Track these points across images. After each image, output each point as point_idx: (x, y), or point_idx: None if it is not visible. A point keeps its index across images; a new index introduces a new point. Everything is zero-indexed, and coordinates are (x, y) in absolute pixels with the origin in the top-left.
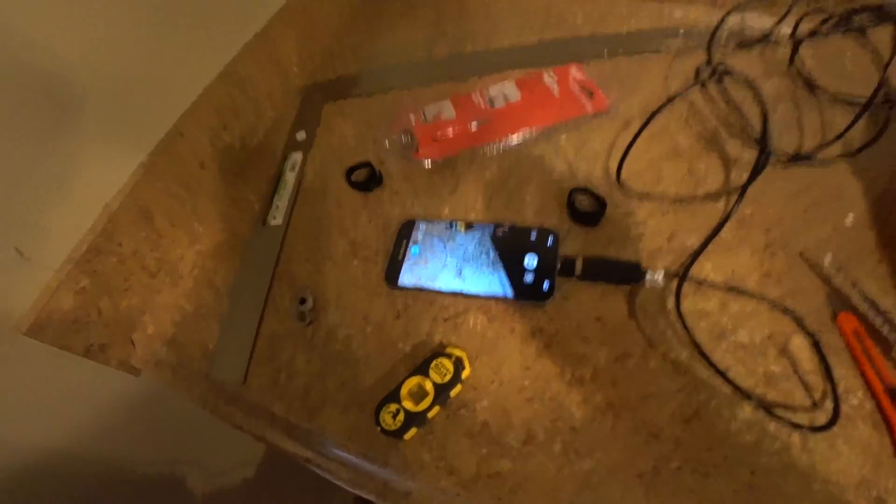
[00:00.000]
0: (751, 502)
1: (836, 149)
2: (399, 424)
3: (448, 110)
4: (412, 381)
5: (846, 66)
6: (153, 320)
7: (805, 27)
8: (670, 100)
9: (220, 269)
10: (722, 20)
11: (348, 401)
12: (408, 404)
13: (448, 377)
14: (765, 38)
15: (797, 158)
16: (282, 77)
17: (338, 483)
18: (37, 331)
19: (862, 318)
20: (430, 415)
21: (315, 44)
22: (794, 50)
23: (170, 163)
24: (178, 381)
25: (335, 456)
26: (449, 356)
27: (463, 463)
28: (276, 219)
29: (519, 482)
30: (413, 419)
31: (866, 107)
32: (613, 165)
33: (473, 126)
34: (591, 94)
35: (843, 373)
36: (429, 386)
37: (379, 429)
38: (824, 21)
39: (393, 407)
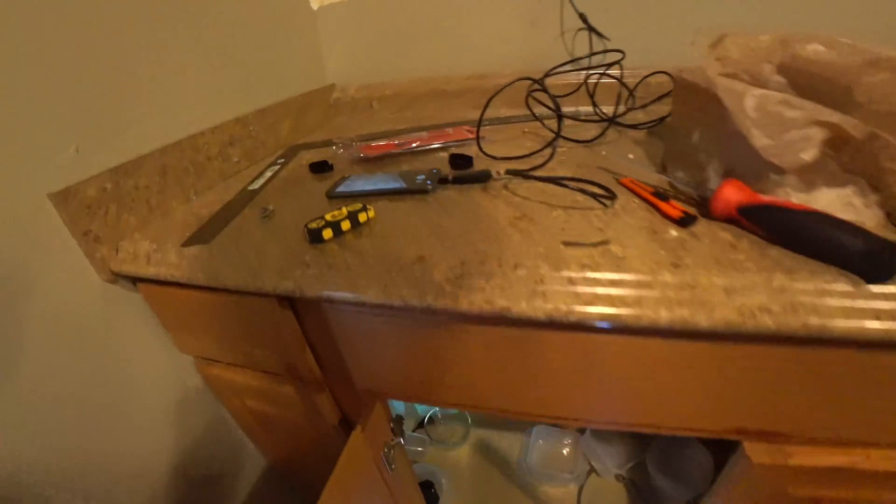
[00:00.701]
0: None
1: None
2: (320, 225)
3: (382, 141)
4: (333, 211)
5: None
6: (142, 234)
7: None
8: (507, 85)
9: (205, 209)
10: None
11: (284, 240)
12: (327, 217)
13: (358, 208)
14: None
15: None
16: (275, 135)
17: (268, 292)
18: (59, 200)
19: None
20: (343, 226)
21: (301, 124)
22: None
23: (189, 147)
24: (150, 265)
25: (272, 270)
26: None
27: (361, 247)
28: (255, 185)
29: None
30: (329, 224)
31: (612, 119)
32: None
33: (396, 142)
34: (471, 133)
35: (625, 199)
36: (344, 211)
37: (305, 230)
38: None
39: (317, 219)
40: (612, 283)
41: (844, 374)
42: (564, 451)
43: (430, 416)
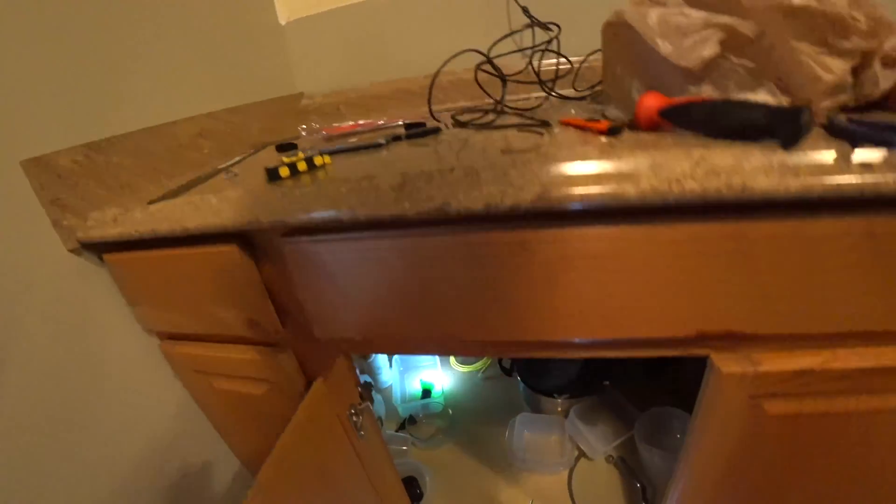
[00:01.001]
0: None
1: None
2: (278, 164)
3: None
4: (293, 156)
5: None
6: (111, 205)
7: None
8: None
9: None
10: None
11: (246, 188)
12: (285, 160)
13: (315, 155)
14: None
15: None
16: (246, 132)
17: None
18: (31, 166)
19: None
20: (300, 167)
21: (271, 128)
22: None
23: (165, 133)
24: (116, 226)
25: (231, 209)
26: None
27: (315, 180)
28: (224, 165)
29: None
30: (286, 164)
31: (552, 85)
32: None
33: (359, 123)
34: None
35: (562, 130)
36: (300, 155)
37: (265, 171)
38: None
39: (276, 162)
40: (544, 169)
41: (780, 251)
42: (550, 438)
43: (411, 416)
